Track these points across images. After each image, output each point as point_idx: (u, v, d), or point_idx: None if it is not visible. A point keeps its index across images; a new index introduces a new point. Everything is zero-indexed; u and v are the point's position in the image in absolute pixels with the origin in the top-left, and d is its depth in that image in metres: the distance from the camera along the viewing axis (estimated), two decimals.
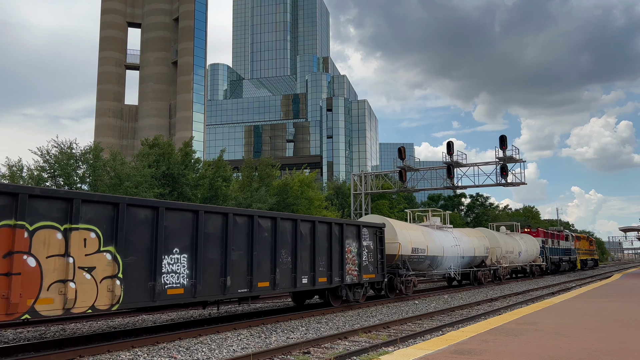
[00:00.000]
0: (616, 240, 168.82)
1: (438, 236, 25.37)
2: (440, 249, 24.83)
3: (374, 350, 10.12)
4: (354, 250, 17.63)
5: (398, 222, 22.75)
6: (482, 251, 29.49)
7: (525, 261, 37.73)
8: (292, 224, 15.03)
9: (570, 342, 8.22)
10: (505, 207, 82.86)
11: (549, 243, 46.06)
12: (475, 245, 28.89)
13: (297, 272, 14.77)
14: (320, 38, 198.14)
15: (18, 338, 12.14)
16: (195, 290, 11.67)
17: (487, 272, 30.43)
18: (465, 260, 27.74)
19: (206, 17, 74.31)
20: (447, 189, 38.98)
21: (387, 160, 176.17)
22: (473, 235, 29.69)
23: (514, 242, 35.37)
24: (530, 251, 38.54)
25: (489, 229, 37.42)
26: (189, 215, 11.88)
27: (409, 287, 21.86)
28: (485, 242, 30.29)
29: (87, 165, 26.91)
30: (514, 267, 36.56)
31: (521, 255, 36.07)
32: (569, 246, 52.72)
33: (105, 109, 71.06)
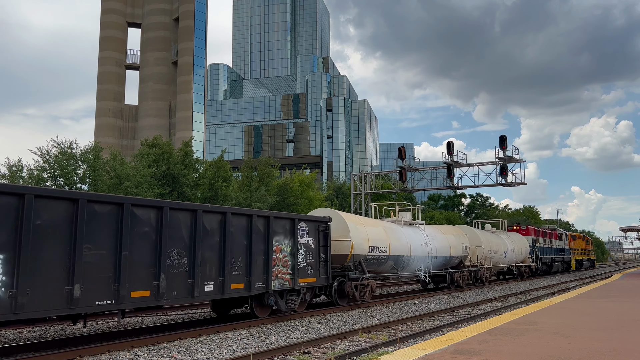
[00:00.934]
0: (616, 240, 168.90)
1: (405, 233, 22.42)
2: (407, 248, 21.93)
3: (374, 350, 10.12)
4: (286, 249, 14.69)
5: (352, 217, 19.80)
6: (460, 250, 26.73)
7: (512, 262, 34.98)
8: (191, 216, 12.05)
9: (570, 342, 8.22)
10: (505, 207, 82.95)
11: (540, 242, 43.48)
12: (452, 244, 26.11)
13: (195, 278, 11.79)
14: (320, 38, 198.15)
15: (18, 338, 12.15)
16: (16, 304, 8.69)
17: (465, 273, 27.31)
18: (439, 261, 24.96)
19: (206, 17, 74.35)
20: (447, 189, 38.97)
21: (387, 160, 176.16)
22: (449, 233, 26.83)
23: (499, 241, 32.71)
24: (518, 251, 35.84)
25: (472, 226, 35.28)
26: (9, 200, 8.87)
27: (364, 293, 18.73)
28: (464, 241, 27.53)
29: (87, 165, 26.92)
30: (499, 268, 33.84)
31: (507, 255, 33.40)
32: (562, 245, 50.25)
33: (105, 109, 71.09)
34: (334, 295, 17.60)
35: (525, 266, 37.95)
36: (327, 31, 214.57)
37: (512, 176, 34.16)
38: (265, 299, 14.16)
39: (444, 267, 26.04)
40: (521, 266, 37.38)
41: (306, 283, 15.52)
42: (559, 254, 48.58)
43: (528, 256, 38.39)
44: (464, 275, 27.20)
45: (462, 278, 26.97)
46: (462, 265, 27.44)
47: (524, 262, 37.82)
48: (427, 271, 24.01)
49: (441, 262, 25.34)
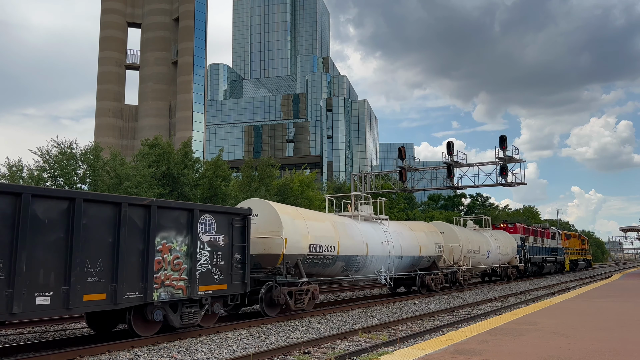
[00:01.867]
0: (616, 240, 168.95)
1: (361, 230, 19.26)
2: (362, 246, 18.82)
3: (374, 350, 10.12)
4: (178, 249, 11.65)
5: (289, 209, 16.56)
6: (433, 250, 23.73)
7: (496, 262, 32.04)
8: (13, 203, 8.94)
9: (570, 342, 8.22)
10: (505, 207, 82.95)
11: (530, 241, 40.51)
12: (423, 242, 23.05)
13: (16, 288, 8.72)
14: (320, 38, 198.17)
15: (18, 338, 12.15)
16: None
17: (440, 276, 24.21)
18: (405, 262, 21.81)
19: (206, 17, 74.36)
20: (447, 189, 38.93)
21: (387, 160, 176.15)
22: (419, 230, 23.71)
23: (482, 239, 29.94)
24: (504, 250, 33.06)
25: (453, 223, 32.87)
26: None
27: (301, 300, 15.30)
28: (438, 239, 24.51)
29: (87, 165, 26.92)
30: (482, 269, 30.81)
31: (491, 255, 30.57)
32: (555, 245, 47.33)
33: (105, 109, 71.10)
34: (261, 304, 14.62)
35: (512, 267, 35.12)
36: (327, 31, 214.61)
37: (512, 176, 34.12)
38: (147, 313, 11.03)
39: (413, 269, 22.88)
40: (507, 267, 34.58)
41: (211, 291, 12.32)
42: (552, 254, 45.98)
43: (515, 256, 35.52)
44: (438, 277, 24.06)
45: (435, 281, 23.78)
46: (435, 267, 24.24)
47: (510, 262, 35.07)
48: (390, 273, 20.77)
49: (408, 263, 22.18)
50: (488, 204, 75.44)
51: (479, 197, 75.22)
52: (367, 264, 19.33)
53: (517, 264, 35.52)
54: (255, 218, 15.32)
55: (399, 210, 53.37)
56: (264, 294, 14.72)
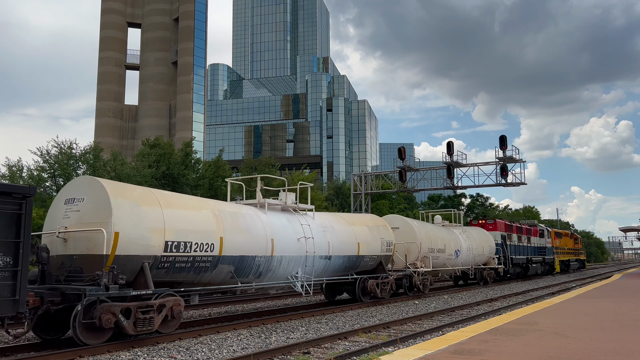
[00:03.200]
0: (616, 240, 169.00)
1: (265, 222, 14.47)
2: (265, 244, 14.13)
3: (374, 351, 10.13)
4: None
5: (136, 190, 11.84)
6: (379, 248, 19.27)
7: (468, 263, 27.81)
8: None
9: (570, 342, 8.23)
10: (505, 207, 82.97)
11: (514, 239, 36.40)
12: (364, 239, 18.60)
13: None
14: (320, 38, 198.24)
15: (18, 338, 12.15)
16: None
17: (389, 280, 19.84)
18: (336, 263, 17.22)
19: (206, 17, 74.40)
20: (447, 189, 38.99)
21: (387, 160, 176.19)
22: (361, 224, 19.18)
23: (449, 236, 25.67)
24: (478, 249, 28.84)
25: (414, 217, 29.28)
26: None
27: (147, 321, 10.67)
28: (387, 235, 20.01)
29: (87, 166, 26.95)
30: (449, 271, 26.33)
31: (460, 255, 26.59)
32: (543, 244, 43.44)
33: (105, 109, 71.15)
34: (74, 329, 9.88)
35: (489, 269, 30.85)
36: (327, 31, 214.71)
37: (512, 176, 34.18)
38: None
39: (345, 272, 18.27)
40: (483, 269, 30.29)
41: None
42: (539, 254, 42.03)
43: (494, 256, 31.18)
44: (386, 282, 19.62)
45: (382, 286, 19.29)
46: (381, 269, 19.76)
47: (487, 263, 30.89)
48: (309, 278, 15.94)
49: (342, 265, 17.64)
50: (488, 204, 75.38)
51: (479, 197, 75.16)
52: (273, 267, 14.54)
53: (495, 265, 31.08)
54: (81, 204, 11.11)
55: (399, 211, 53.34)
56: (80, 313, 9.87)
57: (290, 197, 16.65)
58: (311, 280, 16.12)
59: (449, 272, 26.90)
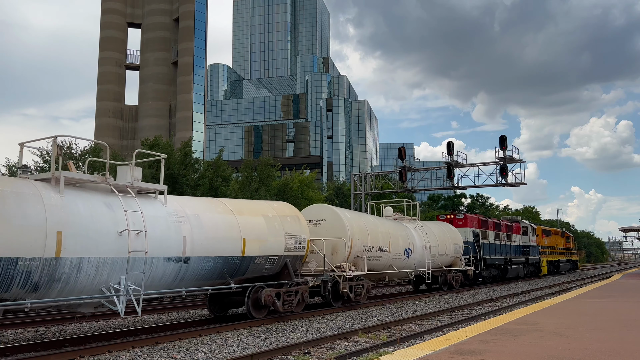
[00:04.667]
0: (616, 240, 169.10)
1: (52, 205, 9.76)
2: (42, 239, 9.39)
3: (374, 351, 10.13)
4: None
5: None
6: (281, 247, 14.52)
7: (424, 265, 22.95)
8: None
9: (570, 342, 8.23)
10: (505, 207, 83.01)
11: (489, 237, 32.01)
12: (254, 233, 13.76)
13: None
14: (320, 38, 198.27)
15: (18, 338, 12.15)
16: None
17: (298, 289, 14.95)
18: (199, 268, 12.31)
19: (206, 18, 74.41)
20: (447, 189, 38.96)
21: (387, 160, 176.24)
22: (251, 213, 14.22)
23: (398, 232, 21.03)
24: (440, 248, 24.29)
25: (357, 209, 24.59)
26: None
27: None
28: (296, 229, 15.19)
29: (88, 166, 26.95)
30: (398, 275, 21.81)
31: (414, 255, 21.83)
32: (527, 242, 39.11)
33: (105, 109, 71.15)
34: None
35: (455, 271, 26.05)
36: (327, 31, 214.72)
37: (512, 176, 34.16)
38: None
39: (227, 278, 13.26)
40: (449, 271, 25.54)
41: None
42: (522, 254, 37.82)
43: (461, 257, 26.53)
44: (293, 292, 14.73)
45: (286, 297, 14.46)
46: (286, 275, 14.81)
47: (453, 265, 26.27)
48: (139, 291, 10.89)
49: (212, 271, 12.73)
50: (488, 204, 75.45)
51: (479, 197, 75.22)
52: (62, 274, 9.62)
53: (461, 266, 26.39)
54: None
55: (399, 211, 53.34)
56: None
57: (134, 173, 11.64)
58: (140, 294, 10.87)
59: (398, 276, 22.15)
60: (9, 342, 11.38)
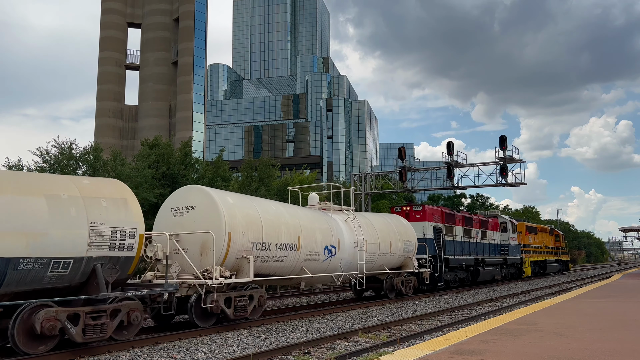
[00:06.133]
0: (616, 240, 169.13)
1: None
2: None
3: (374, 351, 10.13)
4: None
5: None
6: (83, 243, 9.79)
7: (355, 267, 17.90)
8: None
9: (570, 342, 8.23)
10: (505, 207, 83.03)
11: (457, 233, 27.26)
12: (26, 222, 9.07)
13: None
14: (320, 38, 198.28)
15: None
16: None
17: (118, 307, 10.11)
18: None
19: (206, 18, 74.41)
20: (447, 189, 38.95)
21: (387, 160, 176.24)
22: (31, 192, 9.38)
23: (316, 224, 16.40)
24: (383, 246, 19.54)
25: None
26: None
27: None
28: (124, 218, 10.64)
29: (87, 166, 26.94)
30: (322, 279, 17.20)
31: (340, 255, 17.11)
32: (506, 240, 34.38)
33: (105, 109, 71.15)
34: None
35: (406, 274, 21.42)
36: (327, 31, 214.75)
37: (512, 176, 34.17)
38: None
39: None
40: (397, 274, 20.89)
41: None
42: (500, 253, 33.32)
43: (414, 256, 21.68)
44: (106, 311, 10.00)
45: (88, 320, 9.70)
46: (95, 285, 10.11)
47: (404, 266, 21.41)
48: None
49: None
50: (488, 204, 75.43)
51: (479, 197, 75.19)
52: None
53: (413, 268, 21.50)
54: None
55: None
56: None
57: None
58: None
59: (317, 282, 17.84)
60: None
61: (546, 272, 43.11)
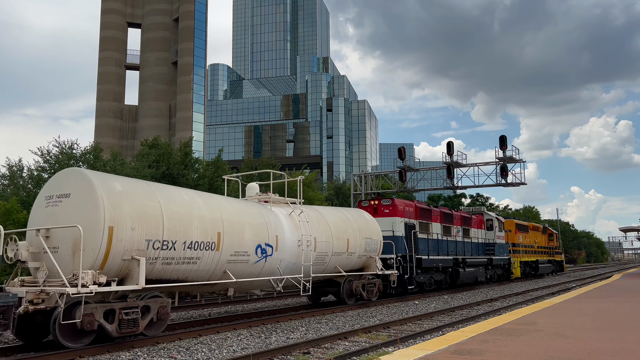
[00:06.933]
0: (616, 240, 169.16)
1: None
2: None
3: (374, 351, 10.13)
4: None
5: None
6: None
7: (299, 269, 15.18)
8: None
9: (570, 342, 8.23)
10: (505, 207, 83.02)
11: (433, 231, 24.64)
12: None
13: None
14: (320, 38, 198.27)
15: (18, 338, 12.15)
16: None
17: None
18: None
19: (206, 18, 74.41)
20: (447, 189, 38.93)
21: (387, 160, 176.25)
22: None
23: (245, 217, 13.68)
24: (339, 245, 16.98)
25: None
26: None
27: None
28: None
29: (88, 166, 26.96)
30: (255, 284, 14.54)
31: (278, 254, 14.49)
32: (492, 239, 31.72)
33: (105, 109, 71.16)
34: None
35: (370, 277, 19.03)
36: (327, 31, 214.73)
37: (512, 176, 34.15)
38: None
39: None
40: (357, 277, 18.45)
41: None
42: (485, 253, 30.57)
43: (377, 257, 18.92)
44: None
45: None
46: None
47: (366, 267, 18.82)
48: None
49: None
50: (488, 204, 75.45)
51: (479, 197, 75.21)
52: None
53: (377, 270, 18.81)
54: None
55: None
56: None
57: None
58: None
59: (250, 288, 14.66)
60: (8, 342, 11.38)
61: (538, 273, 40.58)
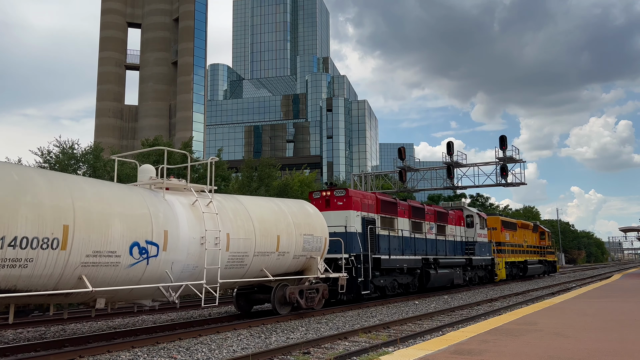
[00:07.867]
0: (616, 240, 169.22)
1: None
2: None
3: (374, 351, 10.12)
4: None
5: None
6: None
7: (201, 274, 12.05)
8: None
9: (570, 342, 8.23)
10: (505, 207, 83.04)
11: (398, 227, 21.49)
12: None
13: None
14: (320, 38, 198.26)
15: (18, 338, 12.15)
16: None
17: None
18: None
19: (206, 18, 74.44)
20: (447, 189, 38.94)
21: (387, 160, 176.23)
22: None
23: (115, 207, 10.34)
24: (265, 243, 13.89)
25: None
26: None
27: None
28: None
29: (88, 166, 26.96)
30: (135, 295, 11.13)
31: (167, 256, 11.23)
32: (472, 237, 28.49)
33: (105, 109, 71.19)
34: None
35: (311, 283, 15.83)
36: (327, 31, 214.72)
37: (512, 176, 34.16)
38: None
39: None
40: (292, 282, 15.59)
41: None
42: (464, 252, 27.58)
43: (319, 257, 15.87)
44: None
45: None
46: None
47: (306, 270, 15.88)
48: None
49: None
50: (488, 204, 75.47)
51: (479, 197, 75.25)
52: None
53: (319, 273, 15.80)
54: None
55: None
56: None
57: None
58: None
59: (129, 298, 11.45)
60: (9, 342, 11.38)
61: (527, 274, 37.10)
